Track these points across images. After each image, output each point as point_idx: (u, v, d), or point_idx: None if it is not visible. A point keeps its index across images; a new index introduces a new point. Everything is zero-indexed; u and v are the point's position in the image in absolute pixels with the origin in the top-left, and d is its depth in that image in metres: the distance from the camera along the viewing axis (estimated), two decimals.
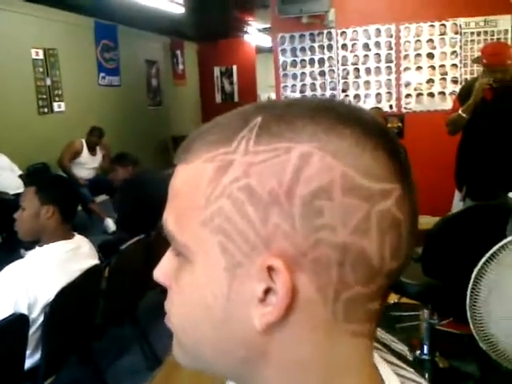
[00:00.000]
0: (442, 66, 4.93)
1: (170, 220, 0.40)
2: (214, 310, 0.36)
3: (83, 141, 5.78)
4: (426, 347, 2.46)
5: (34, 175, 5.01)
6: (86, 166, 5.79)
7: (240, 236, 0.34)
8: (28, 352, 1.84)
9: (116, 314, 2.51)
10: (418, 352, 2.49)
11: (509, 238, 1.51)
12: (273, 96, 11.88)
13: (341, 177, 0.33)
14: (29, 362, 1.87)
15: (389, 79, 5.01)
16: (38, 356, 1.90)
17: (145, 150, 7.71)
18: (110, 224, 5.32)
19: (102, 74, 7.60)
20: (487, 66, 3.11)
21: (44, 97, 6.30)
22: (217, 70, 11.37)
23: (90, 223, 5.55)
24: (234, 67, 11.31)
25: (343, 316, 0.35)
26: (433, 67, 5.00)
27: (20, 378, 1.82)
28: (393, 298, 3.05)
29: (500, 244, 1.50)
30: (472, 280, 1.55)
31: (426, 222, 2.38)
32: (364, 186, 0.34)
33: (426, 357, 2.46)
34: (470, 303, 1.54)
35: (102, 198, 6.02)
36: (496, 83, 3.03)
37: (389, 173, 0.35)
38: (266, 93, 12.18)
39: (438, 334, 2.50)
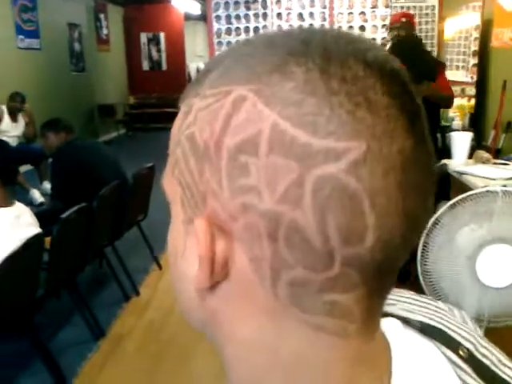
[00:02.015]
0: (373, 39, 5.08)
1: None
2: (176, 266, 0.34)
3: (3, 107, 5.42)
4: None
5: None
6: (7, 133, 5.43)
7: (188, 189, 0.32)
8: None
9: (57, 285, 2.42)
10: None
11: (456, 199, 1.62)
12: (201, 66, 11.71)
13: (270, 128, 0.27)
14: None
15: None
16: None
17: (70, 118, 7.31)
18: (37, 195, 5.07)
19: (20, 37, 7.10)
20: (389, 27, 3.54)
21: None
22: (143, 37, 11.00)
23: (13, 194, 5.26)
24: (162, 34, 11.00)
25: (291, 301, 0.30)
26: None
27: None
28: None
29: (448, 204, 1.60)
30: (422, 240, 1.64)
31: None
32: (298, 142, 0.27)
33: None
34: (421, 260, 1.63)
35: (27, 167, 5.70)
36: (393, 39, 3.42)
37: (348, 126, 0.27)
38: (194, 62, 11.97)
39: None
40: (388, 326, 0.37)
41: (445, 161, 2.74)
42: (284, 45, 0.30)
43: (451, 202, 1.68)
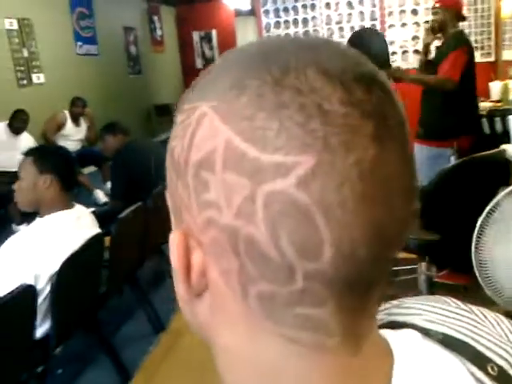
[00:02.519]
0: (427, 22, 4.90)
1: None
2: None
3: (66, 112, 5.68)
4: None
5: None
6: (71, 137, 5.71)
7: (171, 202, 0.33)
8: (38, 322, 1.85)
9: (118, 281, 2.53)
10: None
11: None
12: None
13: (224, 144, 0.27)
14: (39, 332, 1.89)
15: None
16: (47, 325, 1.91)
17: (128, 120, 7.60)
18: (100, 195, 5.29)
19: (79, 43, 7.40)
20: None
21: (22, 68, 6.13)
22: (196, 35, 11.15)
23: (79, 195, 5.51)
24: (214, 31, 11.10)
25: (263, 314, 0.30)
26: (417, 24, 4.98)
27: (31, 346, 1.84)
28: None
29: (507, 190, 1.55)
30: (477, 227, 1.59)
31: None
32: (249, 158, 0.27)
33: None
34: (475, 250, 1.58)
35: (90, 169, 5.96)
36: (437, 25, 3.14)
37: (297, 140, 0.26)
38: None
39: (436, 286, 2.57)
40: (403, 337, 0.36)
41: (504, 146, 2.62)
42: (246, 58, 0.30)
43: (510, 189, 1.62)
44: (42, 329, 1.90)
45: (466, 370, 0.34)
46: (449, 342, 0.36)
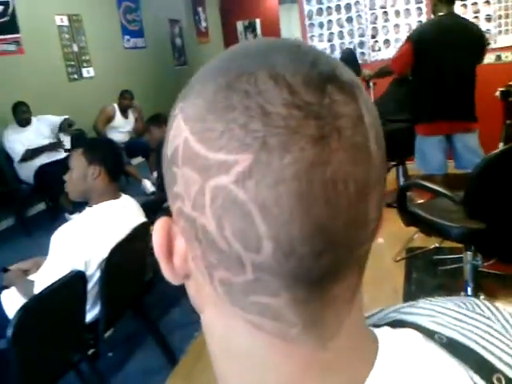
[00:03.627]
0: (475, 3, 4.73)
1: None
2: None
3: (115, 105, 5.84)
4: (469, 289, 2.48)
5: (74, 141, 5.13)
6: (120, 129, 5.87)
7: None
8: (88, 307, 1.94)
9: None
10: (463, 294, 2.52)
11: None
12: None
13: (183, 142, 0.31)
14: (89, 316, 1.99)
15: (419, 21, 4.84)
16: (96, 310, 2.01)
17: None
18: (148, 185, 5.42)
19: (126, 37, 7.58)
20: None
21: (72, 63, 6.34)
22: (240, 25, 11.17)
23: (128, 185, 5.67)
24: (257, 20, 11.08)
25: (228, 299, 0.32)
26: (464, 5, 4.80)
27: (82, 330, 1.94)
28: (434, 242, 3.07)
29: None
30: None
31: None
32: (200, 156, 0.29)
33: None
34: None
35: (138, 160, 6.12)
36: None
37: (238, 140, 0.28)
38: None
39: (482, 275, 2.52)
40: (399, 337, 0.36)
41: None
42: (217, 63, 0.33)
43: None
44: (92, 313, 2.00)
45: (469, 378, 0.34)
46: (453, 347, 0.35)
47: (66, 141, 5.10)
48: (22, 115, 4.83)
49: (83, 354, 1.98)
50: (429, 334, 0.36)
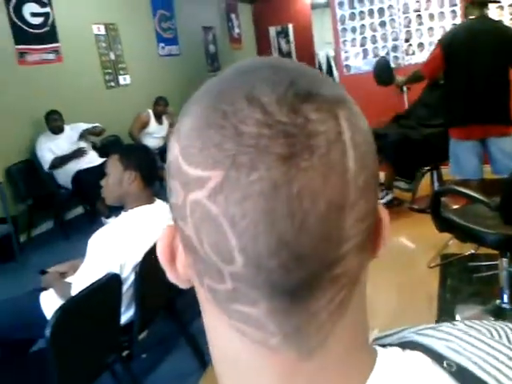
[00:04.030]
0: (511, 5, 4.63)
1: None
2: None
3: (150, 111, 5.97)
4: (505, 296, 2.43)
5: (110, 146, 5.25)
6: (154, 135, 5.99)
7: None
8: (122, 309, 1.99)
9: None
10: (498, 301, 2.47)
11: None
12: (330, 53, 11.61)
13: (173, 158, 0.33)
14: (123, 319, 2.03)
15: (454, 24, 4.77)
16: (131, 312, 2.06)
17: None
18: None
19: (161, 45, 7.71)
20: None
21: (109, 71, 6.51)
22: (272, 30, 11.22)
23: (161, 190, 5.76)
24: (290, 26, 11.10)
25: (216, 304, 0.33)
26: (501, 7, 4.70)
27: (118, 331, 1.99)
28: (469, 249, 3.01)
29: None
30: None
31: None
32: (183, 171, 0.31)
33: (506, 305, 2.44)
34: None
35: None
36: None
37: (213, 157, 0.30)
38: (323, 50, 11.90)
39: None
40: (405, 358, 0.36)
41: None
42: (210, 81, 0.35)
43: None
44: (126, 315, 2.05)
45: None
46: (462, 376, 0.34)
47: (88, 148, 5.16)
48: (53, 123, 4.96)
49: (118, 355, 2.03)
50: (438, 358, 0.36)
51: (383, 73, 3.87)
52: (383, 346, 0.38)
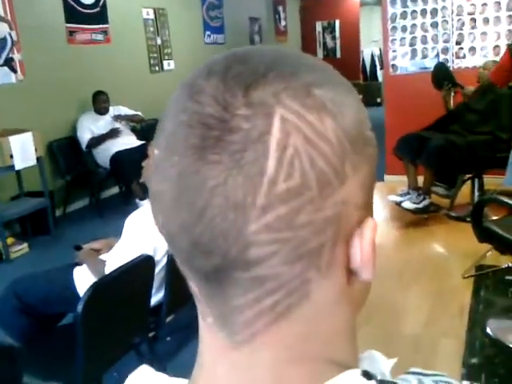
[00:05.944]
0: None
1: None
2: None
3: None
4: None
5: (150, 130, 5.30)
6: None
7: None
8: (153, 291, 2.01)
9: None
10: None
11: None
12: (375, 51, 11.43)
13: None
14: (153, 300, 2.05)
15: (510, 30, 4.61)
16: (161, 295, 2.07)
17: None
18: None
19: (207, 33, 7.74)
20: None
21: (155, 55, 6.56)
22: (319, 25, 11.12)
23: None
24: (337, 22, 11.00)
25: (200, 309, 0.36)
26: (498, 3, 4.52)
27: (147, 312, 2.01)
28: (507, 262, 2.92)
29: None
30: None
31: None
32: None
33: None
34: None
35: None
36: None
37: (158, 139, 0.33)
38: (368, 48, 11.74)
39: None
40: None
41: None
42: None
43: None
44: (156, 298, 2.06)
45: None
46: None
47: (124, 129, 5.20)
48: (101, 104, 5.05)
49: (144, 336, 2.05)
50: None
51: (443, 78, 3.93)
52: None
